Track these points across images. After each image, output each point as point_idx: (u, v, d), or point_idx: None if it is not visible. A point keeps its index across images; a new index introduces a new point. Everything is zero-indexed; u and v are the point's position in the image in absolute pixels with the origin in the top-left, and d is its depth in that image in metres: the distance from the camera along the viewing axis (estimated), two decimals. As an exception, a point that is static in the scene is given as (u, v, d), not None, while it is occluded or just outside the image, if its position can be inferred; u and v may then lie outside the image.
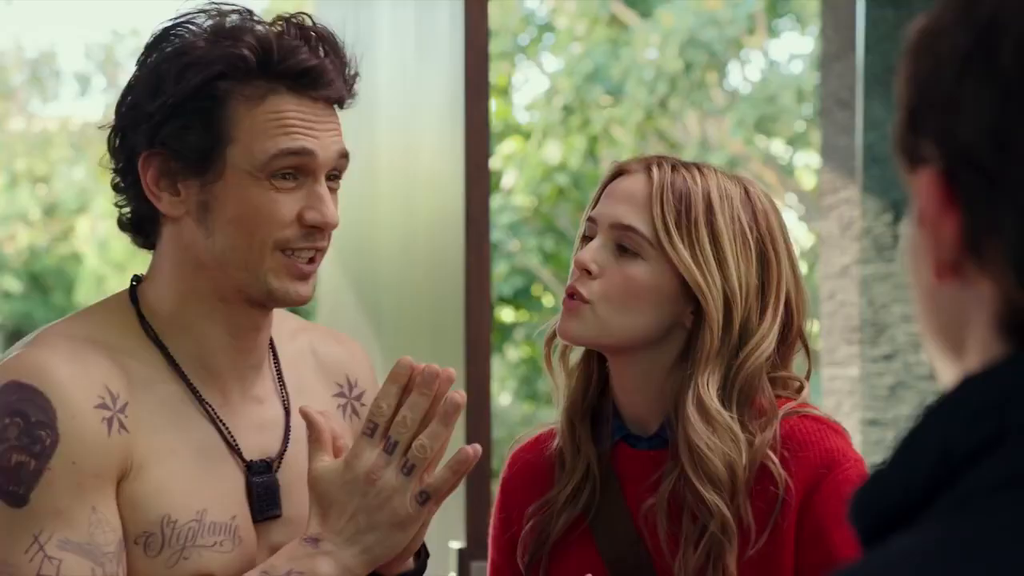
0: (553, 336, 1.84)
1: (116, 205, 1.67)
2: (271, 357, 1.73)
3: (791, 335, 1.79)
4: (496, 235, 12.33)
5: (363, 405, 1.80)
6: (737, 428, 1.72)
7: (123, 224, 1.67)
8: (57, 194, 15.67)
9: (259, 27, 1.62)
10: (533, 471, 1.87)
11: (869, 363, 4.97)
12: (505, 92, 13.54)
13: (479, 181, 3.14)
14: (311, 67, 1.61)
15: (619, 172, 1.80)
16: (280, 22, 1.62)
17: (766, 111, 11.92)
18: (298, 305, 1.65)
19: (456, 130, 3.15)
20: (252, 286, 1.61)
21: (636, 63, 11.98)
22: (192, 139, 1.59)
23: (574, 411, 1.82)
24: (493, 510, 1.93)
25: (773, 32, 12.86)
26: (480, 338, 3.12)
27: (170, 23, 1.63)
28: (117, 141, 1.63)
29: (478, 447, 1.61)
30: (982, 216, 0.79)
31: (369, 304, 3.80)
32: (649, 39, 11.98)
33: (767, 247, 1.76)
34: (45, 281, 14.96)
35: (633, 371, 1.78)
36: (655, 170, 1.76)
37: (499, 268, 12.36)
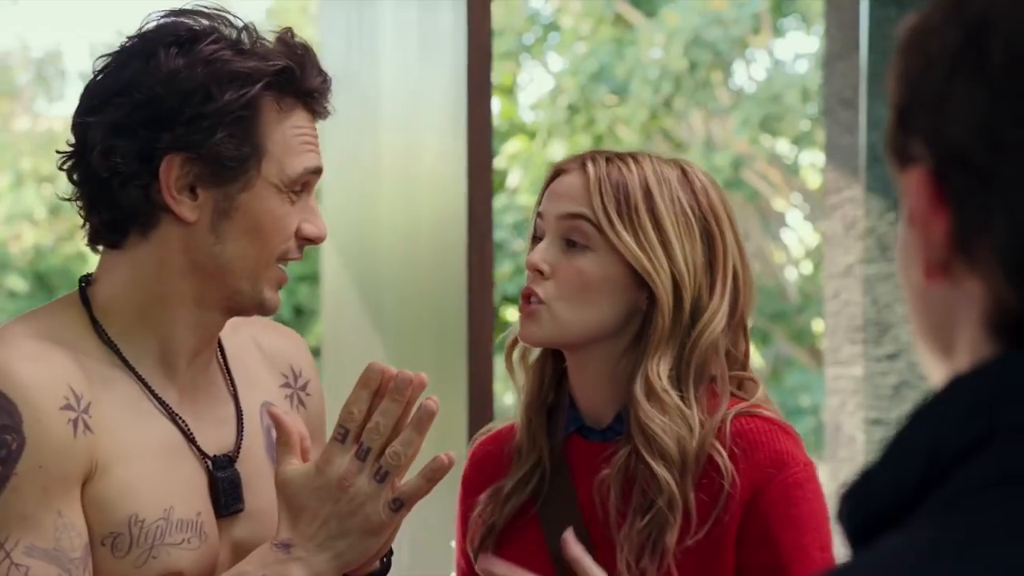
0: (514, 343, 1.86)
1: (74, 197, 1.63)
2: (217, 351, 1.72)
3: (738, 312, 1.81)
4: (501, 234, 12.33)
5: (308, 395, 1.80)
6: (686, 408, 1.74)
7: (100, 220, 1.62)
8: (64, 194, 15.66)
9: (273, 40, 1.63)
10: (493, 463, 1.89)
11: (873, 362, 4.96)
12: (510, 91, 13.53)
13: (481, 181, 3.15)
14: (323, 87, 1.65)
15: (558, 172, 1.83)
16: (284, 39, 1.63)
17: (771, 110, 11.91)
18: (273, 314, 1.67)
19: (459, 130, 3.15)
20: (247, 295, 1.62)
21: (641, 62, 11.97)
22: (234, 148, 1.59)
23: (531, 406, 1.85)
24: (457, 509, 1.94)
25: (778, 31, 12.85)
26: (482, 338, 3.12)
27: (160, 23, 1.62)
28: (117, 138, 1.59)
29: (452, 455, 1.61)
30: (972, 216, 0.79)
31: (372, 304, 3.81)
32: (654, 38, 11.97)
33: (710, 223, 1.79)
34: (50, 280, 14.97)
35: (593, 364, 1.80)
36: (590, 165, 1.79)
37: (504, 267, 12.35)
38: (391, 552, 1.71)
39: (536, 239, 1.82)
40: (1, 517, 1.49)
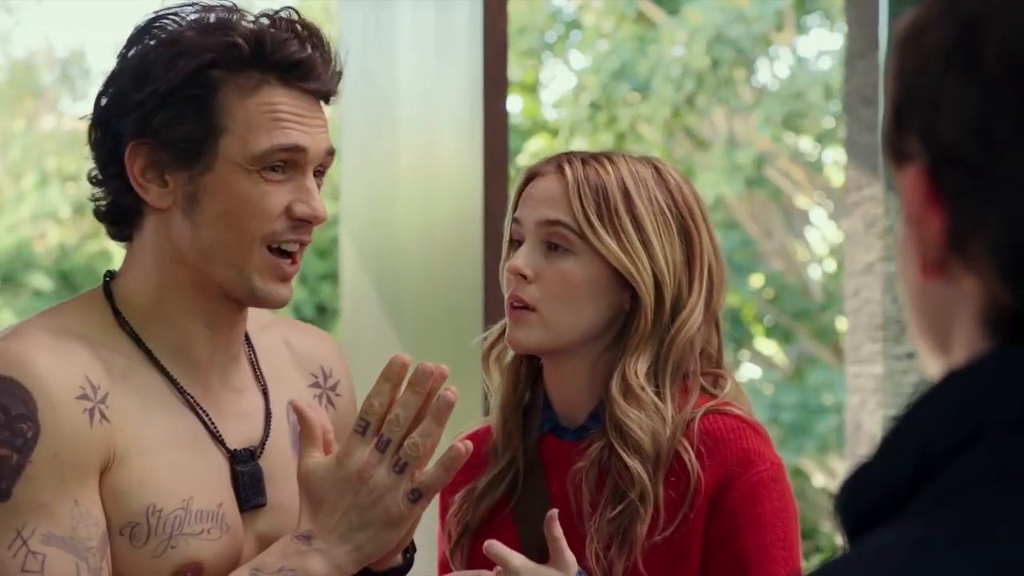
0: (493, 345, 1.87)
1: (92, 198, 1.65)
2: (247, 348, 1.72)
3: (712, 307, 1.82)
4: (523, 233, 12.33)
5: (338, 395, 1.80)
6: (662, 404, 1.76)
7: (100, 215, 1.65)
8: (87, 192, 15.73)
9: (249, 19, 1.61)
10: (471, 462, 1.89)
11: (893, 360, 4.95)
12: (532, 89, 13.54)
13: (498, 178, 3.15)
14: (302, 59, 1.60)
15: (532, 176, 1.83)
16: (268, 16, 1.62)
17: (794, 108, 11.88)
18: (278, 307, 1.64)
19: (475, 127, 3.16)
20: (236, 283, 1.60)
21: (663, 60, 11.96)
22: (184, 129, 1.58)
23: (506, 405, 1.86)
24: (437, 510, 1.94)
25: (801, 28, 12.82)
26: (499, 335, 3.12)
27: (153, 15, 1.62)
28: (99, 131, 1.62)
29: (469, 444, 1.61)
30: (966, 214, 0.79)
31: (390, 301, 3.82)
32: (676, 36, 11.96)
33: (687, 220, 1.80)
34: (75, 279, 15.03)
35: (573, 365, 1.81)
36: (567, 168, 1.79)
37: (526, 266, 12.34)
38: (414, 547, 1.72)
39: (513, 242, 1.82)
40: (18, 505, 1.50)
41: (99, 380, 1.56)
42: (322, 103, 1.65)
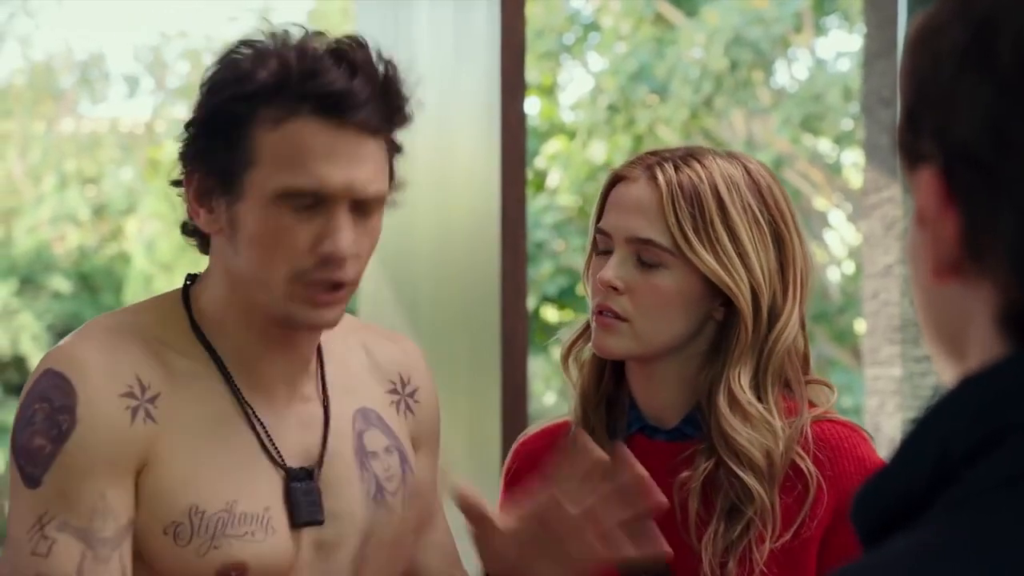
0: (573, 346, 1.82)
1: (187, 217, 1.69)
2: (317, 357, 1.74)
3: (802, 310, 1.78)
4: (541, 235, 12.33)
5: (417, 402, 1.80)
6: (771, 417, 1.73)
7: (184, 231, 1.69)
8: (106, 195, 15.80)
9: (291, 45, 1.57)
10: (543, 457, 1.83)
11: (912, 363, 4.94)
12: (550, 92, 13.54)
13: (515, 180, 3.15)
14: (335, 91, 1.54)
15: (619, 179, 1.77)
16: (302, 44, 1.57)
17: (812, 109, 11.86)
18: (324, 329, 1.62)
19: (492, 130, 3.16)
20: (271, 308, 1.60)
21: (681, 62, 11.95)
22: (219, 158, 1.58)
23: (587, 401, 1.82)
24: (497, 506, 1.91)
25: (820, 30, 12.80)
26: (516, 337, 3.12)
27: (228, 47, 1.62)
28: (180, 158, 1.66)
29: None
30: (980, 214, 0.79)
31: (407, 303, 3.82)
32: (695, 38, 11.95)
33: (779, 225, 1.76)
34: (94, 281, 15.07)
35: (661, 372, 1.78)
36: (659, 174, 1.73)
37: (544, 268, 12.35)
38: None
39: (597, 247, 1.78)
40: (46, 493, 1.55)
41: (151, 381, 1.59)
42: (372, 135, 1.56)
